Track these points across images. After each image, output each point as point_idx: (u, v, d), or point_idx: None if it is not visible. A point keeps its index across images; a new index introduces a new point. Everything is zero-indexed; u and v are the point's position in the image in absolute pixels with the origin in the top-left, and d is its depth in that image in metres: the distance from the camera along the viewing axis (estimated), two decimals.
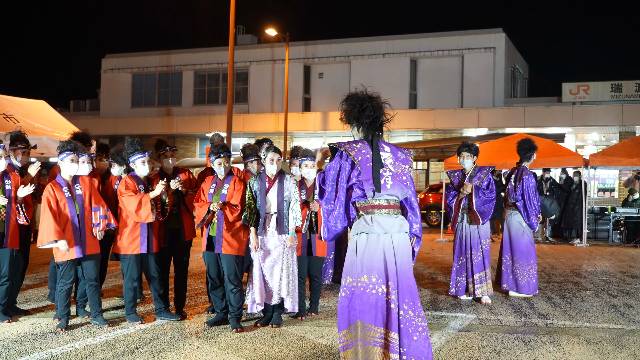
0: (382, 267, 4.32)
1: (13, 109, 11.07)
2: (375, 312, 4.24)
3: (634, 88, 28.61)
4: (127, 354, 5.60)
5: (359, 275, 4.31)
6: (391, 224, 4.37)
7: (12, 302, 7.11)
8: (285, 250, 6.52)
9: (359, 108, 4.46)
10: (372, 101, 4.47)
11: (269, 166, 6.58)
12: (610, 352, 5.81)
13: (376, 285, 4.27)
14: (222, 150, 6.66)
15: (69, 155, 6.43)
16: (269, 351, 5.71)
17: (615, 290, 9.18)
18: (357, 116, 4.48)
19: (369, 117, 4.45)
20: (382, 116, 4.49)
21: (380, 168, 4.40)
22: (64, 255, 6.35)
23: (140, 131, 34.56)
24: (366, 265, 4.31)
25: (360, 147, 4.42)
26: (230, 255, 6.51)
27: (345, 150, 4.41)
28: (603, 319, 7.21)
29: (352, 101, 4.49)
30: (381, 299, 4.27)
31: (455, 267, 8.16)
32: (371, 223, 4.34)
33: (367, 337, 4.23)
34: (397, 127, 31.39)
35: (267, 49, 35.41)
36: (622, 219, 16.87)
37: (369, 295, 4.26)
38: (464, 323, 6.90)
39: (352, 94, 4.52)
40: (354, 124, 4.52)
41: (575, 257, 13.31)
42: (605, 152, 17.55)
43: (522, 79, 37.02)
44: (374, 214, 4.37)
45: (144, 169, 6.74)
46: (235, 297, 6.49)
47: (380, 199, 4.38)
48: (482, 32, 32.27)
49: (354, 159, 4.37)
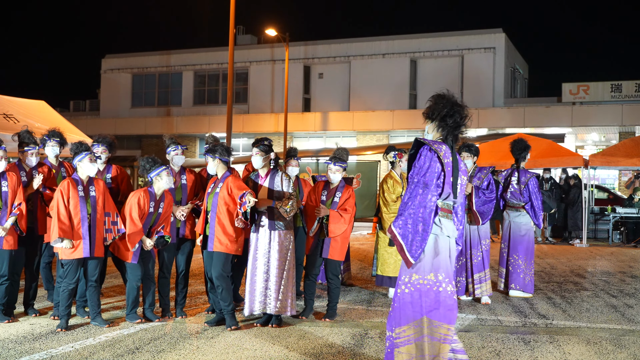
0: (449, 267, 4.48)
1: (13, 109, 11.13)
2: (444, 309, 4.36)
3: (633, 88, 28.56)
4: (127, 354, 5.60)
5: (426, 273, 4.40)
6: (452, 228, 4.53)
7: (27, 302, 7.17)
8: (279, 249, 6.52)
9: (448, 110, 4.50)
10: (461, 109, 4.53)
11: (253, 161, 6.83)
12: (610, 352, 5.82)
13: (443, 283, 4.40)
14: (219, 149, 6.70)
15: (86, 155, 6.52)
16: (269, 351, 5.72)
17: (615, 290, 9.19)
18: (443, 117, 4.51)
19: (455, 122, 4.51)
20: (463, 126, 4.56)
21: (458, 175, 4.52)
22: (71, 254, 6.38)
23: (140, 131, 34.56)
24: (434, 264, 4.41)
25: (445, 150, 4.46)
26: (219, 253, 6.52)
27: (436, 152, 4.42)
28: (603, 319, 7.23)
29: (444, 101, 4.52)
30: (450, 297, 4.40)
31: (455, 267, 8.10)
32: (440, 224, 4.45)
33: (434, 333, 4.33)
34: (397, 127, 31.51)
35: (267, 49, 35.41)
36: (621, 219, 16.94)
37: (436, 292, 4.37)
38: (463, 323, 6.90)
39: (444, 95, 4.57)
40: (437, 122, 4.55)
41: (575, 258, 13.33)
42: (605, 153, 17.62)
43: (522, 79, 37.01)
44: (442, 216, 4.47)
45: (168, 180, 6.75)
46: (223, 295, 6.51)
47: (448, 203, 4.50)
48: (482, 33, 32.27)
49: (442, 161, 4.41)
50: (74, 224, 6.40)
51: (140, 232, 6.56)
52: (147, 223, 6.69)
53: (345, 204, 7.01)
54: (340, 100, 34.09)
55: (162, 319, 6.91)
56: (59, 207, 6.36)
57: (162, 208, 6.76)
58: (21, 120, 10.60)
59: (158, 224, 6.76)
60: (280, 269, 6.53)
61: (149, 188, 6.76)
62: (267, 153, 6.67)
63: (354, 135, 33.07)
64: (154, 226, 6.75)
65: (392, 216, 8.00)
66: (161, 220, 6.79)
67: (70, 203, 6.40)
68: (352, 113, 32.48)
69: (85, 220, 6.45)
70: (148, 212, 6.65)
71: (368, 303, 8.00)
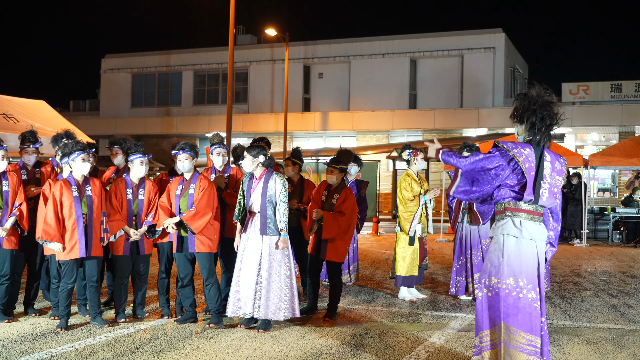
0: (532, 273, 4.35)
1: (13, 108, 11.15)
2: (522, 316, 4.26)
3: (633, 88, 28.63)
4: (126, 354, 5.61)
5: (504, 277, 4.32)
6: (539, 231, 4.43)
7: (27, 302, 7.16)
8: (270, 251, 6.41)
9: (539, 114, 4.42)
10: (550, 108, 4.44)
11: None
12: (610, 352, 5.83)
13: (524, 290, 4.29)
14: (185, 146, 6.66)
15: (79, 154, 6.47)
16: (269, 351, 5.72)
17: (615, 290, 9.21)
18: (533, 121, 4.43)
19: (545, 125, 4.43)
20: (555, 125, 4.47)
21: (541, 180, 4.42)
22: (66, 255, 6.37)
23: (140, 131, 34.61)
24: (514, 268, 4.32)
25: (527, 154, 4.39)
26: (204, 253, 6.57)
27: (514, 156, 4.37)
28: (603, 319, 7.23)
29: (532, 105, 4.43)
30: (530, 305, 4.28)
31: (455, 267, 8.19)
32: (520, 227, 4.38)
33: (510, 340, 4.25)
34: (397, 127, 31.60)
35: (267, 49, 35.48)
36: (621, 219, 16.97)
37: (516, 298, 4.28)
38: (463, 323, 6.92)
39: (532, 96, 4.47)
40: (527, 126, 4.47)
41: (575, 257, 13.35)
42: (604, 152, 17.63)
43: (522, 79, 37.07)
44: (522, 217, 4.40)
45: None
46: (211, 292, 6.57)
47: (534, 206, 4.43)
48: (482, 32, 32.35)
49: (522, 166, 4.35)
50: (67, 226, 6.36)
51: (118, 220, 6.58)
52: (129, 211, 6.67)
53: (341, 206, 6.98)
54: (340, 100, 34.15)
55: (148, 316, 6.96)
56: (47, 209, 6.34)
57: (143, 195, 6.73)
58: (21, 120, 10.63)
59: (144, 213, 6.74)
60: (269, 273, 6.40)
61: (125, 176, 6.76)
62: (256, 157, 6.48)
63: (353, 135, 33.12)
64: (139, 215, 6.72)
65: (409, 215, 7.98)
66: (145, 207, 6.75)
67: (64, 204, 6.37)
68: (352, 113, 32.54)
69: (81, 220, 6.40)
70: (127, 200, 6.63)
71: (368, 303, 8.01)
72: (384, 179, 28.00)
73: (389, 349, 5.83)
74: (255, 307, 6.38)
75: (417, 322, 6.97)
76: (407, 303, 8.00)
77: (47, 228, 6.28)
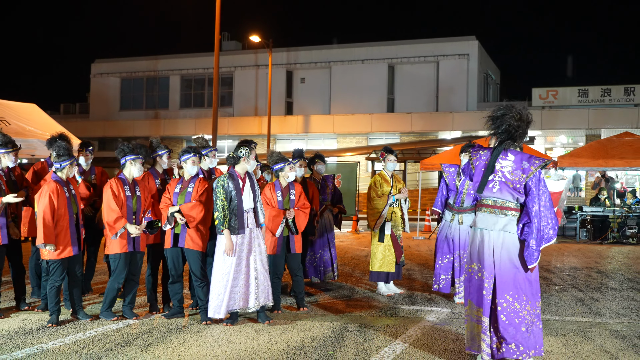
0: (480, 256, 4.92)
1: (4, 111, 11.13)
2: (477, 294, 4.93)
3: (599, 93, 29.50)
4: (116, 348, 5.65)
5: (470, 262, 5.02)
6: (493, 221, 4.87)
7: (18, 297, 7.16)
8: (260, 242, 6.59)
9: (498, 123, 4.89)
10: (512, 113, 4.83)
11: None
12: (578, 344, 5.91)
13: (478, 272, 4.91)
14: (191, 150, 6.80)
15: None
16: (253, 345, 5.78)
17: (582, 285, 9.31)
18: (494, 129, 4.93)
19: (505, 131, 4.87)
20: (520, 128, 4.83)
21: (490, 174, 4.88)
22: (59, 254, 6.43)
23: (129, 133, 34.90)
24: (472, 254, 5.01)
25: (482, 154, 4.97)
26: (194, 251, 6.62)
27: (470, 159, 5.03)
28: (571, 312, 7.32)
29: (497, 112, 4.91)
30: (479, 283, 4.90)
31: (438, 265, 7.89)
32: (476, 219, 5.01)
33: (471, 314, 5.00)
34: (375, 130, 32.23)
35: (251, 55, 35.85)
36: (588, 217, 17.38)
37: (473, 279, 4.96)
38: (439, 317, 6.99)
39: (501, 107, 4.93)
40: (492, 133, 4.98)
41: (544, 254, 13.31)
42: (572, 154, 17.91)
43: (494, 85, 37.77)
44: (480, 211, 4.97)
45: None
46: (203, 291, 6.61)
47: (487, 200, 4.93)
48: (456, 40, 33.03)
49: (472, 165, 4.98)
50: (63, 226, 6.41)
51: (120, 217, 6.47)
52: (129, 208, 6.59)
53: (300, 199, 7.17)
54: (321, 103, 34.65)
55: (138, 317, 6.82)
56: (45, 212, 6.29)
57: (139, 192, 6.73)
58: (12, 123, 10.69)
59: (141, 210, 6.73)
60: (262, 262, 6.58)
61: (120, 175, 6.71)
62: (232, 164, 6.57)
63: (334, 138, 33.69)
64: (137, 212, 6.71)
65: (373, 212, 8.09)
66: (143, 204, 6.75)
67: (60, 205, 6.39)
68: (333, 116, 33.08)
69: (73, 219, 6.50)
70: (126, 197, 6.59)
71: (348, 298, 8.08)
72: (363, 179, 28.19)
73: (368, 341, 5.89)
74: (252, 299, 6.46)
75: (395, 316, 7.03)
76: (385, 298, 8.03)
77: (47, 231, 6.28)
